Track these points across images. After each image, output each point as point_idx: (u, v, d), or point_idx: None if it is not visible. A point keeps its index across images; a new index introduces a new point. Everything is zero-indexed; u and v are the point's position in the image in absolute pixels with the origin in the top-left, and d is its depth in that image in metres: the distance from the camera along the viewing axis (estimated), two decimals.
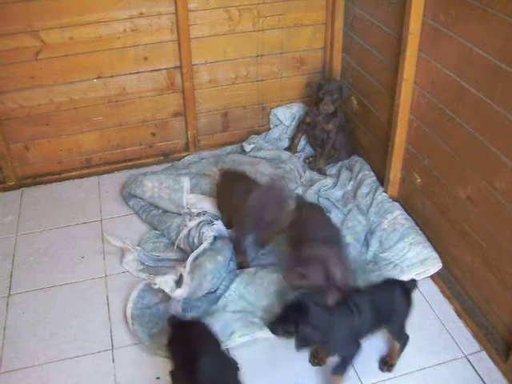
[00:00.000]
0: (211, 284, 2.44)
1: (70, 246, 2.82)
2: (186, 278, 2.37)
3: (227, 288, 2.45)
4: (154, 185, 2.93)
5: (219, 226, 2.68)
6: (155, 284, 2.38)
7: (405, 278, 2.52)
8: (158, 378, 2.19)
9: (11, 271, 2.67)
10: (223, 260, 2.50)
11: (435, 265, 2.54)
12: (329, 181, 3.07)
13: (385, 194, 2.88)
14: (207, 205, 2.84)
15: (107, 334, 2.36)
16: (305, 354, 2.25)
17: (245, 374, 2.18)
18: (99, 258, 2.74)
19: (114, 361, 2.26)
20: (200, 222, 2.69)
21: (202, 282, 2.39)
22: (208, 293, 2.47)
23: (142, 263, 2.65)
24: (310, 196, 2.95)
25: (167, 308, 2.39)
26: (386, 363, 2.20)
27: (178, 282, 2.38)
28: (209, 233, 2.61)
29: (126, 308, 2.43)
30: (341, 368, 2.04)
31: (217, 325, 2.27)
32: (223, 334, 2.26)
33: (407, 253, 2.58)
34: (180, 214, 2.82)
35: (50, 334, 2.37)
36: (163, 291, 2.36)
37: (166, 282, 2.39)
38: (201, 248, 2.54)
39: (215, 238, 2.62)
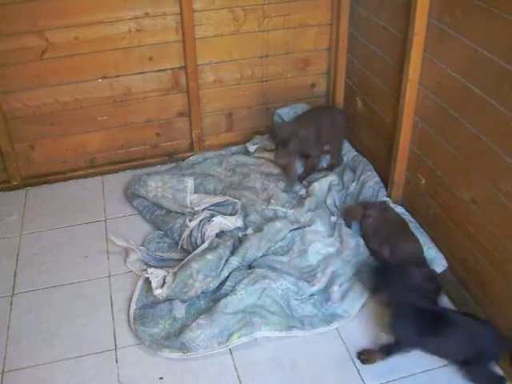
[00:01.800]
0: (205, 284, 2.42)
1: (73, 245, 2.82)
2: (168, 279, 2.38)
3: (233, 288, 2.42)
4: (157, 185, 2.93)
5: (218, 220, 2.67)
6: (147, 273, 2.40)
7: None
8: (161, 378, 2.19)
9: (15, 270, 2.68)
10: (215, 258, 2.47)
11: (440, 265, 2.52)
12: (333, 177, 3.04)
13: (387, 198, 2.85)
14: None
15: (110, 334, 2.36)
16: (305, 355, 2.25)
17: (246, 375, 2.19)
18: (103, 257, 2.74)
19: (117, 361, 2.26)
20: (201, 221, 2.68)
21: (187, 282, 2.39)
22: (213, 292, 2.47)
23: (146, 263, 2.64)
24: (319, 192, 2.94)
25: (170, 308, 2.39)
26: None
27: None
28: (209, 232, 2.61)
29: (129, 308, 2.43)
30: None
31: (215, 327, 2.26)
32: (221, 337, 2.25)
33: None
34: (183, 214, 2.82)
35: (53, 334, 2.37)
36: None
37: (156, 275, 2.41)
38: (201, 248, 2.54)
39: (216, 235, 2.63)
